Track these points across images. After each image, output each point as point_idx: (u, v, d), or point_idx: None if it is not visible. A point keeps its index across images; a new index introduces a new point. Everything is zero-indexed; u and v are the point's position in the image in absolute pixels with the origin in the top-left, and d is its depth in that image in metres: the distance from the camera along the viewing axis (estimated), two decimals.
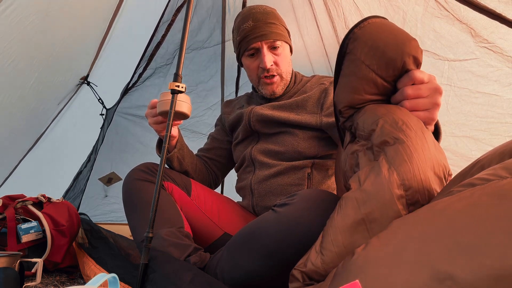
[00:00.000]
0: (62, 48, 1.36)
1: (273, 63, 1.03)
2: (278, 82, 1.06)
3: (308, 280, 0.54)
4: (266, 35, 1.00)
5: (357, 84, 0.61)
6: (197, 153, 1.24)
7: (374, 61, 0.58)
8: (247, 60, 1.06)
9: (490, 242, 0.30)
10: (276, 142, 1.03)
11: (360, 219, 0.50)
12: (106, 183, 2.02)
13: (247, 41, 1.02)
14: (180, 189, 0.99)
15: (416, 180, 0.49)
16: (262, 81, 1.06)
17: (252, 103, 1.18)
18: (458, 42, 1.26)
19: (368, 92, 0.61)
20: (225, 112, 1.23)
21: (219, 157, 1.22)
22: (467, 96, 1.32)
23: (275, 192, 0.99)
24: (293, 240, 0.63)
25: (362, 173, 0.54)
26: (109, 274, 0.53)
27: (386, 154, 0.52)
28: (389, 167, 0.51)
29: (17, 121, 1.46)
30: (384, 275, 0.36)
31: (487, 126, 1.34)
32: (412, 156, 0.50)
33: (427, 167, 0.50)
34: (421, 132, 0.53)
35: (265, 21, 1.02)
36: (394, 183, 0.49)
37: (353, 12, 1.43)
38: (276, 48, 1.03)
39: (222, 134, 1.24)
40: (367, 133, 0.58)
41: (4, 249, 1.05)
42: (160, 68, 1.91)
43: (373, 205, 0.49)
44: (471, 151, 1.40)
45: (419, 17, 1.29)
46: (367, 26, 0.60)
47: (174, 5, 1.73)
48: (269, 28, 1.01)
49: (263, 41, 1.01)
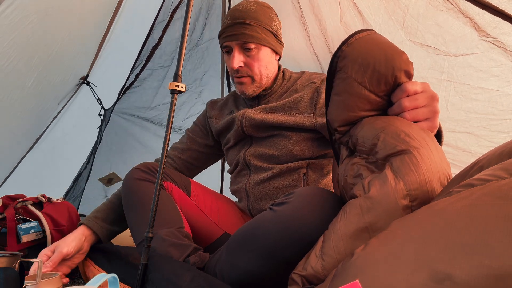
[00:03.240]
0: (61, 48, 1.36)
1: (244, 64, 1.00)
2: (248, 84, 1.02)
3: (308, 284, 0.54)
4: (237, 35, 0.97)
5: (350, 101, 0.61)
6: (170, 150, 1.18)
7: (366, 78, 0.58)
8: (225, 57, 1.05)
9: (489, 242, 0.30)
10: (270, 145, 1.01)
11: (364, 227, 0.49)
12: (106, 183, 2.02)
13: (222, 38, 1.01)
14: (179, 189, 0.99)
15: (422, 190, 0.48)
16: (235, 80, 1.04)
17: (239, 104, 1.15)
18: (462, 36, 1.23)
19: (362, 109, 0.61)
20: (212, 115, 1.17)
21: (194, 160, 1.17)
22: (467, 92, 1.31)
23: (271, 194, 0.99)
24: (291, 238, 0.63)
25: (366, 181, 0.53)
26: (109, 274, 0.54)
27: (391, 164, 0.52)
28: (395, 176, 0.50)
29: (16, 121, 1.46)
30: (384, 275, 0.36)
31: (488, 123, 1.33)
32: (419, 166, 0.50)
33: (433, 178, 0.50)
34: (425, 142, 0.53)
35: (241, 21, 0.97)
36: (400, 193, 0.49)
37: (351, 7, 1.41)
38: (249, 50, 0.99)
39: (202, 137, 1.18)
40: (368, 148, 0.57)
41: (4, 249, 1.05)
42: (158, 70, 1.90)
43: (377, 213, 0.49)
44: (471, 147, 1.39)
45: (421, 11, 1.26)
46: (355, 43, 0.60)
47: (168, 5, 1.73)
48: (242, 29, 0.97)
49: (233, 41, 0.98)
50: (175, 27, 1.78)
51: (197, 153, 1.17)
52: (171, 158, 1.16)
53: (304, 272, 0.54)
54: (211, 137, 1.18)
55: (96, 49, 1.69)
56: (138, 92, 1.96)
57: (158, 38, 1.79)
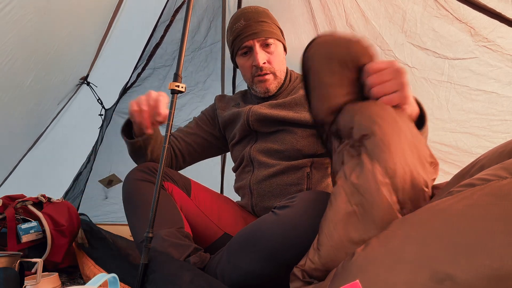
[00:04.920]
0: (61, 48, 1.36)
1: (266, 61, 1.04)
2: (272, 80, 1.06)
3: (308, 278, 0.55)
4: (257, 33, 1.02)
5: (326, 91, 0.67)
6: (175, 132, 1.19)
7: (334, 69, 0.66)
8: (241, 60, 1.07)
9: (489, 242, 0.30)
10: (275, 140, 1.03)
11: (351, 211, 0.52)
12: (106, 185, 2.02)
13: (240, 40, 1.03)
14: (180, 189, 0.99)
15: (397, 167, 0.52)
16: (256, 80, 1.06)
17: (248, 102, 1.17)
18: (457, 41, 1.26)
19: (340, 94, 0.66)
20: (220, 106, 1.19)
21: (196, 145, 1.17)
22: (467, 93, 1.33)
23: (274, 192, 0.99)
24: (293, 242, 0.64)
25: (347, 168, 0.57)
26: (109, 274, 0.53)
27: (366, 148, 0.55)
28: (371, 159, 0.54)
29: (16, 120, 1.46)
30: (384, 275, 0.36)
31: (488, 124, 1.34)
32: (390, 144, 0.53)
33: (406, 153, 0.53)
34: (395, 121, 0.57)
35: (256, 20, 1.03)
36: (378, 173, 0.52)
37: (354, 10, 1.42)
38: (268, 45, 1.03)
39: (208, 126, 1.20)
40: (347, 131, 0.61)
41: (4, 249, 1.05)
42: (159, 69, 1.90)
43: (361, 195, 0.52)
44: (472, 148, 1.40)
45: (418, 16, 1.29)
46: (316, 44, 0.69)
47: (172, 6, 1.73)
48: (260, 26, 1.02)
49: (255, 39, 1.02)
50: (177, 27, 1.78)
51: (201, 139, 1.19)
52: (176, 138, 1.17)
53: (304, 266, 0.56)
54: (218, 129, 1.20)
55: (96, 49, 1.68)
56: (139, 92, 1.95)
57: (159, 38, 1.79)
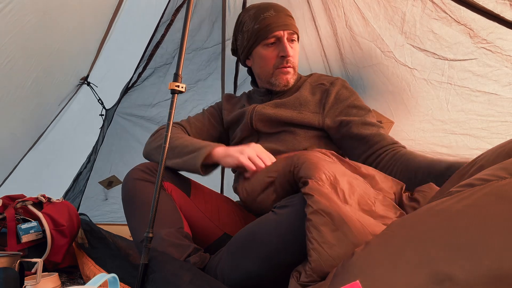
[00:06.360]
0: (61, 48, 1.35)
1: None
2: (292, 73, 1.06)
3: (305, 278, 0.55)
4: (288, 25, 1.03)
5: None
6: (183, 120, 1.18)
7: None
8: (264, 50, 1.05)
9: (489, 242, 0.30)
10: (277, 141, 1.02)
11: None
12: (106, 186, 2.02)
13: (269, 29, 1.01)
14: (179, 190, 0.99)
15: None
16: (278, 71, 1.05)
17: (252, 102, 1.16)
18: (457, 43, 1.26)
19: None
20: (226, 108, 1.19)
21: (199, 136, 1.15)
22: (467, 94, 1.33)
23: None
24: (293, 242, 0.63)
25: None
26: (109, 274, 0.54)
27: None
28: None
29: (16, 121, 1.46)
30: (384, 275, 0.36)
31: (488, 125, 1.34)
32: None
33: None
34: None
35: (286, 13, 1.05)
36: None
37: (354, 11, 1.42)
38: (293, 41, 1.05)
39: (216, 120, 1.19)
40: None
41: (4, 249, 1.05)
42: (160, 68, 1.90)
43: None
44: (471, 149, 1.40)
45: (417, 18, 1.30)
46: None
47: (174, 6, 1.73)
48: (290, 20, 1.05)
49: (285, 31, 1.02)
50: (177, 26, 1.78)
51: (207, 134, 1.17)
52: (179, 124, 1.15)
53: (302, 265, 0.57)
54: (221, 125, 1.20)
55: (97, 49, 1.68)
56: (139, 90, 1.96)
57: (160, 37, 1.79)
